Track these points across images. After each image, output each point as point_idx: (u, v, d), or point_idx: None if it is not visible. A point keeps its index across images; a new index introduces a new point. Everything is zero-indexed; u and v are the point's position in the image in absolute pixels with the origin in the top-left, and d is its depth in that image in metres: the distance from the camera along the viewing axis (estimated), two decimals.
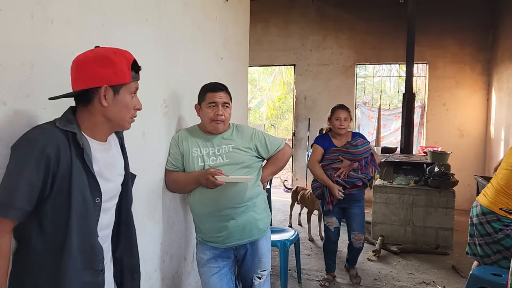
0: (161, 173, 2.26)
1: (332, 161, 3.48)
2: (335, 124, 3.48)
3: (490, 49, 6.76)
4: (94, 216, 1.27)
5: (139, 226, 2.04)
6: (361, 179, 3.45)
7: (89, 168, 1.24)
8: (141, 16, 2.03)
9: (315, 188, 3.61)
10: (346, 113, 3.47)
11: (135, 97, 1.39)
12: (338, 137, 3.53)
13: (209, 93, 2.23)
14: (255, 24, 7.19)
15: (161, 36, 2.24)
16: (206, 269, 2.27)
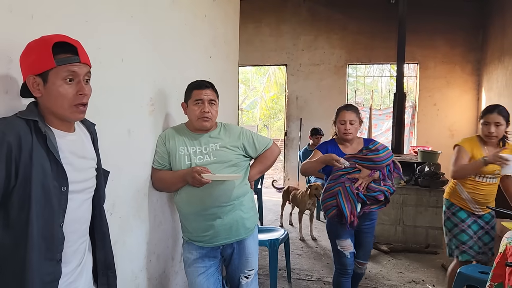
0: (148, 171, 2.24)
1: (347, 170, 2.68)
2: (339, 128, 2.85)
3: (480, 49, 6.81)
4: (60, 205, 1.25)
5: (125, 225, 2.03)
6: (383, 192, 2.70)
7: (54, 155, 1.23)
8: (126, 13, 2.01)
9: (329, 208, 2.74)
10: (353, 114, 2.83)
11: (76, 83, 1.28)
12: (347, 144, 2.88)
13: (195, 90, 2.22)
14: (247, 24, 7.20)
15: (148, 34, 2.22)
16: (192, 269, 2.25)
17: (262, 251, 3.86)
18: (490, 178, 2.91)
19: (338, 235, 2.83)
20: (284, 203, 5.82)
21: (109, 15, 1.87)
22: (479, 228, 2.98)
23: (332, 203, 2.72)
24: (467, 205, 2.98)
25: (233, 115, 3.82)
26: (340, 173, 2.70)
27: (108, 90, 1.85)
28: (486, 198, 2.95)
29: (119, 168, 1.96)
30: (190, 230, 2.27)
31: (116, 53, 1.93)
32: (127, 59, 2.02)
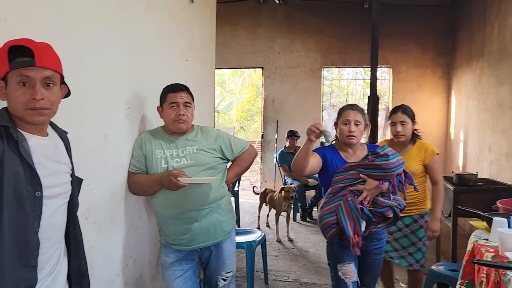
0: (124, 175, 2.23)
1: (349, 182, 2.25)
2: (342, 130, 2.38)
3: (450, 54, 7.02)
4: (35, 210, 1.24)
5: (101, 230, 2.01)
6: (392, 208, 2.22)
7: (27, 160, 1.22)
8: (102, 16, 2.00)
9: (327, 226, 2.25)
10: (358, 114, 2.38)
11: (31, 87, 1.26)
12: (349, 151, 2.42)
13: (170, 93, 2.23)
14: (223, 27, 7.20)
15: (123, 36, 2.21)
16: (170, 272, 2.25)
17: (239, 253, 3.87)
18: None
19: (339, 258, 2.35)
20: (261, 205, 5.85)
21: (84, 18, 1.86)
22: (397, 230, 2.88)
23: (331, 221, 2.22)
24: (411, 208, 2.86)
25: (209, 117, 3.82)
26: (341, 185, 2.26)
27: (83, 93, 1.83)
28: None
29: (95, 172, 1.95)
30: (168, 234, 2.27)
31: (92, 56, 1.92)
32: (103, 62, 2.01)
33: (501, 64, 4.61)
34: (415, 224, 2.88)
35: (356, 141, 2.36)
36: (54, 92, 1.32)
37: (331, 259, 2.42)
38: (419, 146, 2.91)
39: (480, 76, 5.37)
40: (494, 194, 3.57)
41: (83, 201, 1.81)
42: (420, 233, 2.87)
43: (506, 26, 4.50)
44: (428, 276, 2.83)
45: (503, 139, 4.46)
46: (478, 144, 5.39)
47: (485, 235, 2.28)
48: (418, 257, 2.89)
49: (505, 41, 4.52)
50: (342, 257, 2.34)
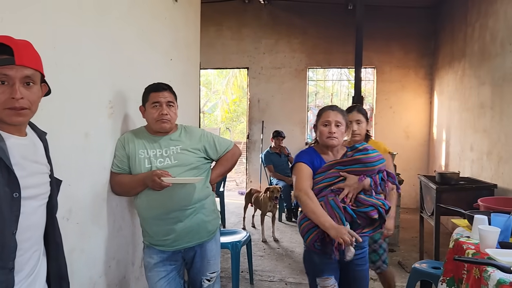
0: (106, 176, 2.20)
1: (330, 181, 2.18)
2: (322, 131, 2.25)
3: (432, 55, 7.12)
4: (12, 212, 1.22)
5: (83, 232, 1.99)
6: (377, 207, 2.10)
7: (5, 161, 1.19)
8: (83, 14, 1.98)
9: (307, 230, 2.13)
10: (339, 115, 2.27)
11: (10, 86, 1.23)
12: (329, 153, 2.29)
13: (152, 93, 2.21)
14: (208, 27, 7.18)
15: (106, 35, 2.19)
16: (153, 273, 2.23)
17: (224, 254, 3.86)
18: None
19: (319, 271, 2.19)
20: (246, 206, 5.85)
21: (65, 16, 1.83)
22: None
23: (310, 223, 2.10)
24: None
25: (194, 118, 3.80)
26: (321, 185, 2.18)
27: (64, 92, 1.81)
28: None
29: (76, 173, 1.92)
30: (151, 234, 2.25)
31: (73, 54, 1.89)
32: (85, 61, 1.98)
33: (482, 65, 4.69)
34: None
35: (337, 142, 2.24)
36: (34, 91, 1.29)
37: (310, 271, 2.28)
38: (372, 145, 2.86)
39: (462, 77, 5.46)
40: (475, 193, 3.64)
41: (64, 203, 1.79)
42: (375, 235, 2.82)
43: (486, 28, 4.59)
44: (411, 274, 2.86)
45: (484, 138, 4.54)
46: (460, 143, 5.48)
47: (467, 233, 2.32)
48: (375, 258, 2.92)
49: (485, 42, 4.61)
50: (322, 270, 2.18)
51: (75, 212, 1.91)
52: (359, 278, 2.27)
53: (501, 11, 4.16)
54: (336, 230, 1.95)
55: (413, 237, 5.26)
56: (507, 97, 3.94)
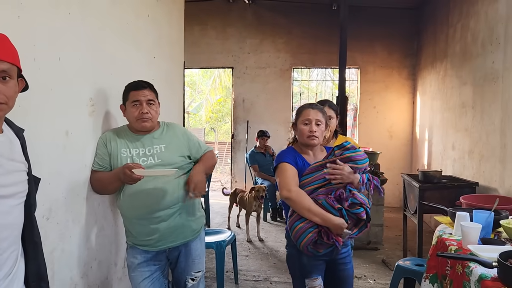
0: (87, 175, 2.16)
1: (320, 183, 2.11)
2: (302, 131, 2.19)
3: (415, 55, 7.21)
4: None
5: (63, 231, 1.94)
6: (365, 207, 2.08)
7: None
8: (63, 9, 1.93)
9: (303, 231, 2.06)
10: (319, 114, 2.21)
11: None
12: (309, 152, 2.24)
13: (132, 91, 2.17)
14: (192, 26, 7.14)
15: (87, 32, 2.14)
16: (137, 274, 2.19)
17: (209, 254, 3.84)
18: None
19: (308, 272, 2.15)
20: (231, 205, 5.83)
21: (44, 10, 1.79)
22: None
23: (305, 225, 2.05)
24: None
25: (179, 118, 3.77)
26: (311, 187, 2.11)
27: (44, 89, 1.76)
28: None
29: (56, 171, 1.88)
30: (134, 234, 2.22)
31: (52, 50, 1.85)
32: (65, 57, 1.94)
33: (464, 65, 4.76)
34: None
35: (317, 142, 2.19)
36: (11, 86, 1.25)
37: (298, 272, 2.20)
38: (341, 141, 2.66)
39: (444, 77, 5.54)
40: (457, 191, 3.70)
41: (43, 202, 1.75)
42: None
43: (468, 29, 4.66)
44: (395, 271, 2.88)
45: (466, 137, 4.61)
46: (442, 142, 5.55)
47: (449, 230, 2.34)
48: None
49: (467, 43, 4.68)
50: (311, 271, 2.15)
51: (55, 211, 1.86)
52: (344, 277, 2.25)
53: (482, 12, 4.23)
54: (338, 222, 1.99)
55: (397, 236, 5.32)
56: (487, 96, 4.01)
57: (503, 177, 3.58)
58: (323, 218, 2.01)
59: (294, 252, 2.19)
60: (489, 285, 1.54)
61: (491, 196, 3.11)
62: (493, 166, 3.82)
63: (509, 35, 3.57)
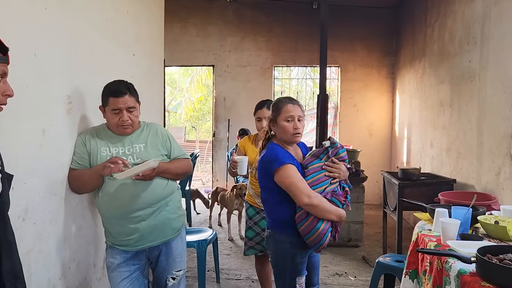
0: (65, 174, 2.11)
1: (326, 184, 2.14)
2: (285, 128, 2.16)
3: (394, 54, 7.31)
4: None
5: (40, 232, 1.89)
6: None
7: None
8: (39, 4, 1.88)
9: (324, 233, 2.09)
10: (299, 109, 2.20)
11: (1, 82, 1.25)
12: (291, 148, 2.24)
13: (111, 98, 2.09)
14: (173, 23, 7.07)
15: (64, 27, 2.09)
16: (116, 274, 2.16)
17: (191, 253, 3.80)
18: None
19: (299, 271, 2.18)
20: (212, 204, 5.80)
21: (19, 5, 1.73)
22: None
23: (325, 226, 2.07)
24: (255, 201, 2.97)
25: (159, 116, 3.73)
26: (317, 189, 2.11)
27: (19, 86, 1.70)
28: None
29: (33, 170, 1.83)
30: (114, 235, 2.18)
31: (27, 46, 1.80)
32: (41, 53, 1.89)
33: (441, 64, 4.85)
34: (257, 216, 2.97)
35: (300, 138, 2.21)
36: None
37: (289, 272, 2.17)
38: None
39: (422, 75, 5.63)
40: (435, 187, 3.76)
41: (19, 201, 1.70)
42: (262, 223, 2.91)
43: (445, 28, 4.74)
44: (375, 268, 2.91)
45: (443, 135, 4.69)
46: (420, 140, 5.64)
47: (428, 226, 2.37)
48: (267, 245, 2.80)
49: (444, 42, 4.76)
50: (302, 269, 2.19)
51: (31, 211, 1.81)
52: (317, 262, 2.39)
53: (459, 11, 4.31)
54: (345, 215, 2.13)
55: (377, 233, 5.38)
56: (464, 95, 4.09)
57: (480, 174, 3.66)
58: (338, 214, 2.10)
59: (287, 252, 2.16)
60: (468, 279, 1.57)
61: (469, 193, 3.17)
62: (470, 163, 3.90)
63: (485, 34, 3.65)
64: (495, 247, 1.70)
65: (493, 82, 3.48)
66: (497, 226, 2.05)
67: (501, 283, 1.45)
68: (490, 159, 3.48)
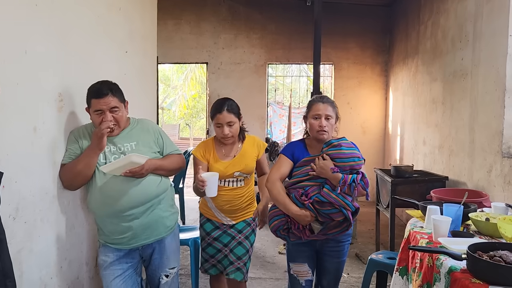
0: (56, 172, 2.10)
1: (301, 177, 2.23)
2: (312, 125, 2.25)
3: (388, 52, 7.32)
4: None
5: (31, 231, 1.88)
6: (341, 208, 2.11)
7: None
8: (30, 0, 1.86)
9: (274, 215, 2.27)
10: (329, 108, 2.25)
11: None
12: (317, 146, 2.28)
13: (93, 99, 2.07)
14: (166, 21, 7.04)
15: (55, 24, 2.08)
16: (108, 272, 2.15)
17: (184, 251, 3.80)
18: (232, 181, 2.54)
19: (293, 257, 2.33)
20: None
21: (9, 1, 1.71)
22: (230, 239, 2.58)
23: (275, 212, 2.26)
24: (213, 214, 2.58)
25: (152, 113, 3.71)
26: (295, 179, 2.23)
27: (9, 83, 1.70)
28: (233, 205, 2.54)
29: (23, 169, 1.81)
30: (107, 233, 2.17)
31: (18, 43, 1.78)
32: (31, 51, 1.87)
33: (434, 61, 4.87)
34: (248, 228, 2.64)
35: (327, 136, 2.24)
36: None
37: (287, 257, 2.42)
38: (250, 141, 2.64)
39: (415, 73, 5.65)
40: (428, 185, 3.78)
41: (10, 200, 1.69)
42: (252, 238, 2.68)
43: (438, 26, 4.76)
44: (368, 265, 2.92)
45: (436, 133, 4.71)
46: (413, 138, 5.67)
47: (420, 223, 2.38)
48: (248, 266, 2.67)
49: (437, 39, 4.78)
50: (295, 256, 2.33)
51: (22, 210, 1.80)
52: (333, 269, 2.37)
53: (452, 9, 4.33)
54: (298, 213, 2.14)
55: (370, 230, 5.41)
56: (457, 93, 4.11)
57: (472, 171, 3.69)
58: (285, 208, 2.19)
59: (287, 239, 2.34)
60: (459, 276, 1.58)
61: (461, 190, 3.19)
62: (462, 160, 3.93)
63: (477, 32, 3.67)
64: (486, 244, 1.71)
65: (485, 80, 3.50)
66: (488, 223, 2.07)
67: (491, 279, 1.46)
68: (482, 157, 3.50)
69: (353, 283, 3.71)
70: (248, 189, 2.62)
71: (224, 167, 2.48)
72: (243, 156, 2.55)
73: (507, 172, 3.07)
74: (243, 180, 2.56)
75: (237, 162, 2.52)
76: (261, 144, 2.67)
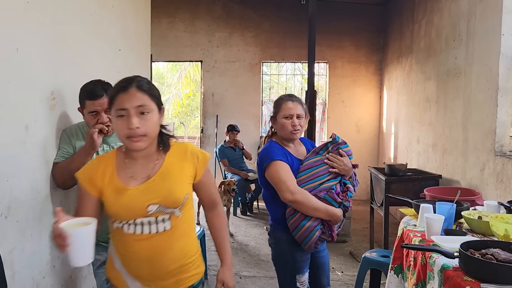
0: (49, 171, 2.08)
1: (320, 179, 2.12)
2: (284, 125, 2.15)
3: (382, 51, 7.34)
4: None
5: (24, 230, 1.87)
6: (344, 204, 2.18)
7: None
8: None
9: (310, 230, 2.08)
10: (299, 106, 2.18)
11: None
12: (291, 146, 2.24)
13: (88, 101, 2.03)
14: (160, 18, 7.01)
15: (47, 22, 2.06)
16: (101, 271, 2.13)
17: None
18: (149, 224, 1.44)
19: (299, 268, 2.18)
20: None
21: None
22: None
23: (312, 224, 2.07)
24: (123, 282, 1.52)
25: None
26: (310, 185, 2.10)
27: (0, 81, 1.68)
28: (155, 267, 1.47)
29: (15, 168, 1.80)
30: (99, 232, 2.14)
31: (9, 41, 1.76)
32: (23, 48, 1.85)
33: (428, 60, 4.89)
34: None
35: (299, 135, 2.20)
36: None
37: (289, 269, 2.19)
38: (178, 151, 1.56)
39: (409, 72, 5.67)
40: (421, 183, 3.80)
41: (1, 199, 1.68)
42: None
43: (432, 25, 4.78)
44: (361, 263, 2.93)
45: (430, 131, 4.74)
46: (407, 136, 5.69)
47: (414, 221, 2.39)
48: None
49: (431, 38, 4.80)
50: (302, 267, 2.18)
51: (14, 209, 1.79)
52: (322, 263, 2.33)
53: (446, 8, 4.34)
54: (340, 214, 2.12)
55: (364, 228, 5.42)
56: (450, 91, 4.13)
57: (465, 170, 3.71)
58: (328, 213, 2.07)
59: (286, 249, 2.19)
60: (451, 274, 1.59)
61: (454, 188, 3.21)
62: (455, 159, 3.95)
63: (470, 31, 3.69)
64: (478, 242, 1.72)
65: (478, 79, 3.52)
66: (480, 221, 2.08)
67: (483, 277, 1.47)
68: (475, 155, 3.52)
69: (347, 281, 3.72)
70: (181, 234, 1.53)
71: (130, 198, 1.41)
72: (164, 177, 1.47)
73: (499, 170, 3.09)
74: (168, 220, 1.47)
75: (153, 188, 1.44)
76: (200, 155, 1.56)
